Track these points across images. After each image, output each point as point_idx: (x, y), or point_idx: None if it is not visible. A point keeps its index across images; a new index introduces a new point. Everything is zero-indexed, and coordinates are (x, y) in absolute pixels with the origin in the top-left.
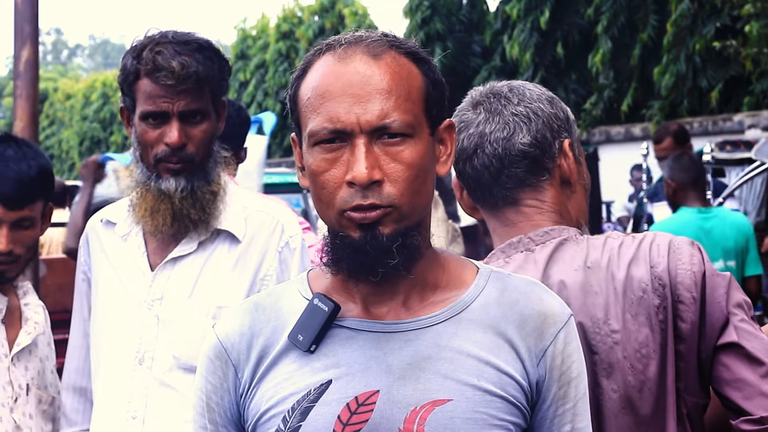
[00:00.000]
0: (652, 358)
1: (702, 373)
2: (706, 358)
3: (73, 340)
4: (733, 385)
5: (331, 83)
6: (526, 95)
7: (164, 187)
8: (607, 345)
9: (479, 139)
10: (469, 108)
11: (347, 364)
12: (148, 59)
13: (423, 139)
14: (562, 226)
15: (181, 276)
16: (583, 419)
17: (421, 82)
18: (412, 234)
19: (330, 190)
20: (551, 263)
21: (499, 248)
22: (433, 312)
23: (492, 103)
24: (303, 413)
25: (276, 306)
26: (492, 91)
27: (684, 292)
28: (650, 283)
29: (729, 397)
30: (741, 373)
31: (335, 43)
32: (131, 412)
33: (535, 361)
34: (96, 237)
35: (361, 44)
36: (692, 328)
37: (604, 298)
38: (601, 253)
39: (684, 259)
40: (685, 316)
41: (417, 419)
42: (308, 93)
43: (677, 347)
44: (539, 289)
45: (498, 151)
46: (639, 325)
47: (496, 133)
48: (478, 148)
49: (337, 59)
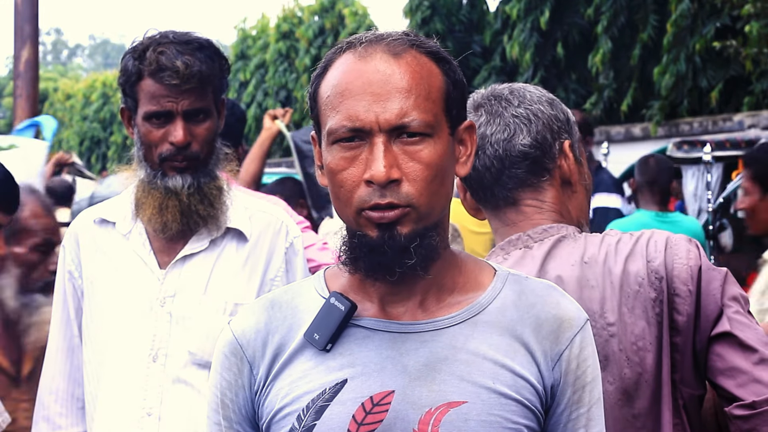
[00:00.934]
0: (648, 350)
1: (697, 364)
2: (701, 349)
3: (54, 342)
4: (727, 374)
5: (351, 81)
6: (527, 97)
7: (171, 184)
8: (602, 338)
9: (480, 140)
10: (471, 110)
11: (363, 363)
12: (151, 59)
13: (442, 138)
14: (561, 224)
15: (194, 273)
16: (597, 424)
17: (442, 82)
18: (430, 234)
19: (348, 188)
20: (548, 259)
21: (499, 245)
22: (450, 314)
23: (493, 105)
24: (318, 412)
25: (292, 304)
26: (493, 93)
27: (680, 285)
28: (646, 277)
29: (723, 386)
30: (734, 361)
31: (356, 41)
32: (146, 409)
33: (550, 364)
34: (89, 237)
35: (382, 43)
36: (688, 321)
37: (600, 292)
38: (599, 249)
39: (681, 254)
40: (681, 308)
41: (432, 420)
42: (328, 91)
43: (673, 339)
44: (556, 293)
45: (499, 153)
46: (635, 318)
47: (497, 134)
48: (479, 149)
49: (358, 57)
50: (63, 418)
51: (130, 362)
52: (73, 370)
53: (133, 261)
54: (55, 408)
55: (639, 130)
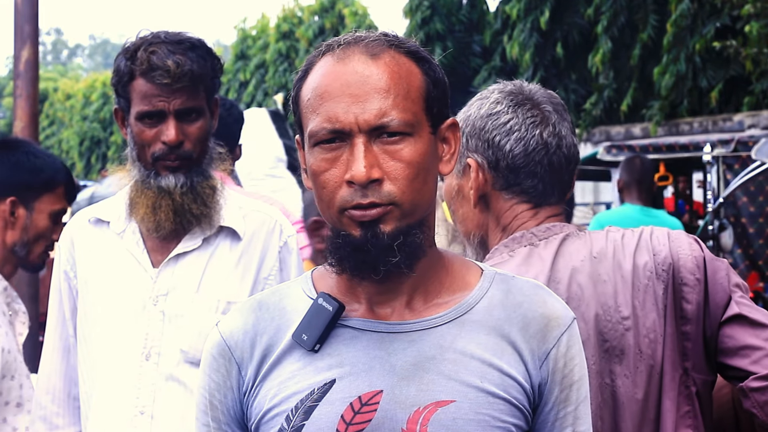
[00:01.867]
0: (659, 342)
1: (708, 350)
2: (712, 335)
3: (50, 342)
4: (740, 353)
5: (330, 83)
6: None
7: (164, 184)
8: (618, 332)
9: (557, 140)
10: (531, 105)
11: (351, 363)
12: (142, 59)
13: (423, 137)
14: (563, 222)
15: (187, 272)
16: (584, 423)
17: (421, 81)
18: (414, 232)
19: (330, 189)
20: (558, 257)
21: (503, 242)
22: (437, 313)
23: (556, 105)
24: (306, 412)
25: (280, 305)
26: (546, 93)
27: (687, 275)
28: (654, 270)
29: (737, 366)
30: (746, 339)
31: (334, 43)
32: (139, 407)
33: (537, 363)
34: (84, 236)
35: (360, 44)
36: (697, 309)
37: (613, 286)
38: (605, 244)
39: (684, 246)
40: (690, 297)
41: (420, 420)
42: (308, 94)
43: (683, 328)
44: (543, 292)
45: (566, 154)
46: (646, 311)
47: (568, 137)
48: (556, 147)
49: (336, 60)
50: (60, 417)
51: (123, 361)
52: (69, 369)
53: (126, 260)
54: (52, 408)
55: (639, 130)
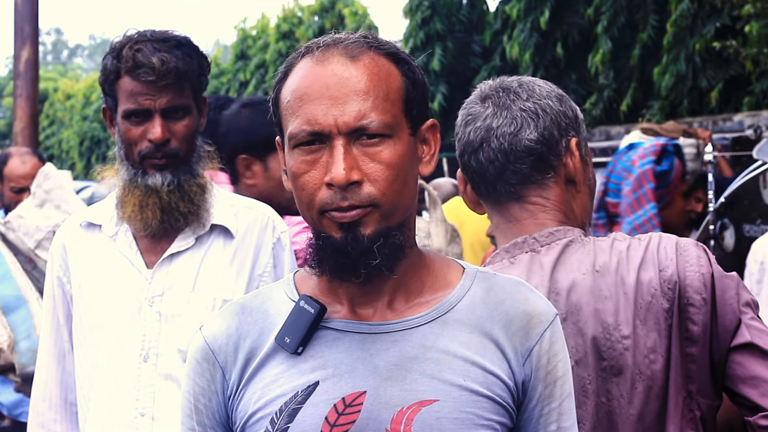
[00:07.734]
0: (659, 362)
1: (715, 374)
2: (720, 359)
3: (45, 348)
4: (749, 383)
5: (309, 86)
6: (536, 91)
7: (151, 182)
8: (617, 351)
9: (486, 133)
10: (477, 101)
11: (334, 365)
12: (128, 57)
13: (403, 139)
14: (567, 226)
15: (181, 271)
16: (569, 418)
17: (400, 83)
18: (394, 234)
19: (310, 191)
20: (558, 267)
21: (504, 248)
22: (419, 313)
23: (501, 97)
24: (291, 415)
25: (263, 308)
26: (501, 85)
27: (694, 295)
28: (659, 287)
29: (745, 395)
30: (756, 370)
31: (314, 45)
32: (139, 409)
33: (521, 360)
34: (76, 241)
35: (339, 46)
36: (704, 330)
37: (614, 303)
38: (609, 256)
39: (692, 261)
40: (696, 318)
41: (404, 420)
42: (288, 96)
43: (688, 350)
44: (525, 289)
45: (504, 146)
46: (648, 330)
47: (503, 127)
48: (484, 142)
49: (316, 62)
50: (58, 423)
51: (122, 363)
52: (64, 375)
53: (120, 262)
54: (49, 414)
55: None
